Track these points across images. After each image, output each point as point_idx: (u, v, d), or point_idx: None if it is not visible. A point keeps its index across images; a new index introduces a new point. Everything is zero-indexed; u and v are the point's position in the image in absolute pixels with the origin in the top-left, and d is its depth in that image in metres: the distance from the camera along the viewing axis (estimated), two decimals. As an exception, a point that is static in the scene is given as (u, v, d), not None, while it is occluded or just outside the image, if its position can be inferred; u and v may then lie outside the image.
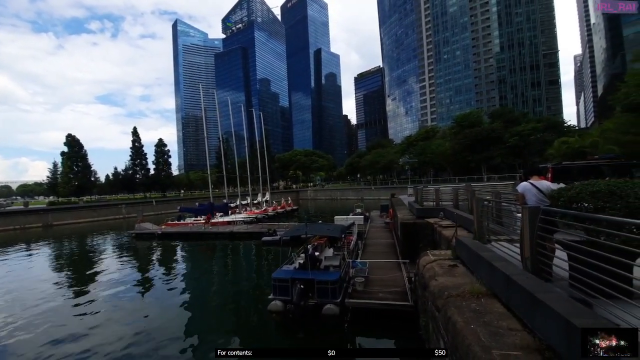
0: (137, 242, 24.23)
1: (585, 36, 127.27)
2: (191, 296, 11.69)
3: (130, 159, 63.16)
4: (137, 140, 62.47)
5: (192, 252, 20.90)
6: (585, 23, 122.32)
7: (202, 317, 9.72)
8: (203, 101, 38.62)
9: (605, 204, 2.90)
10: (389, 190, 50.49)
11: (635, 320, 2.07)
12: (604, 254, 2.49)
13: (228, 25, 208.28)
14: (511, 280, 3.43)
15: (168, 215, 36.09)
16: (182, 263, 18.09)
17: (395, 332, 7.57)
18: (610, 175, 8.97)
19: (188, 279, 14.08)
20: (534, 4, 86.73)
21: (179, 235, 24.98)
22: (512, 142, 51.51)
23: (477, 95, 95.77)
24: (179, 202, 49.13)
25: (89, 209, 45.52)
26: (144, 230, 26.16)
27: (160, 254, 20.66)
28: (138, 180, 63.64)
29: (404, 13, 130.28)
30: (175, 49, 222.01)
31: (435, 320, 4.55)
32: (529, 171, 4.93)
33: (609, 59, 75.79)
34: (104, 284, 13.42)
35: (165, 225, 28.10)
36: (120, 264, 17.33)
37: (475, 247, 5.02)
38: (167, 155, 67.11)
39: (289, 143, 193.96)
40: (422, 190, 14.26)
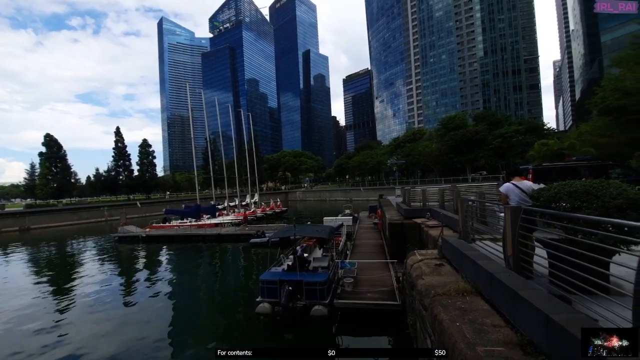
0: (120, 246, 23.49)
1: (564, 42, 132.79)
2: (177, 301, 11.42)
3: (113, 159, 61.33)
4: (120, 141, 60.72)
5: (178, 255, 20.44)
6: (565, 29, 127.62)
7: (188, 321, 9.51)
8: (190, 101, 37.94)
9: (582, 203, 3.03)
10: (377, 191, 50.99)
11: (612, 315, 2.15)
12: (581, 251, 2.59)
13: (215, 25, 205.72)
14: (494, 278, 3.52)
15: (153, 217, 35.21)
16: (168, 267, 17.65)
17: (383, 332, 7.63)
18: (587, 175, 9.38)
19: (174, 283, 13.75)
20: (515, 10, 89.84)
21: (164, 238, 24.38)
22: (495, 144, 53.12)
23: (462, 98, 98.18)
24: (164, 204, 47.94)
25: (69, 211, 43.83)
26: (127, 233, 25.40)
27: (145, 257, 20.10)
28: (121, 182, 61.82)
29: (392, 17, 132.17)
30: (161, 47, 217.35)
31: (423, 319, 4.62)
32: (511, 172, 5.09)
33: (586, 64, 79.26)
34: (85, 290, 12.92)
35: (149, 228, 27.37)
36: (101, 268, 16.75)
37: (460, 247, 5.13)
38: (152, 156, 65.56)
39: (277, 144, 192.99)
40: (410, 191, 14.47)
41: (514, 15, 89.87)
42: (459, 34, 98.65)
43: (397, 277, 8.80)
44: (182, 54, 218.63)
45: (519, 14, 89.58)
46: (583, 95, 69.73)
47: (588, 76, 74.70)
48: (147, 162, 64.46)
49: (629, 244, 2.45)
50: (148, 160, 64.68)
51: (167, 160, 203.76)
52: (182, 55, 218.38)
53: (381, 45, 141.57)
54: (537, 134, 51.30)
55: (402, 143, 72.53)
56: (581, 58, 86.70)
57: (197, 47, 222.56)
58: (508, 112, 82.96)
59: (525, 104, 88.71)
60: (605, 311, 2.23)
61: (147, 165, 64.54)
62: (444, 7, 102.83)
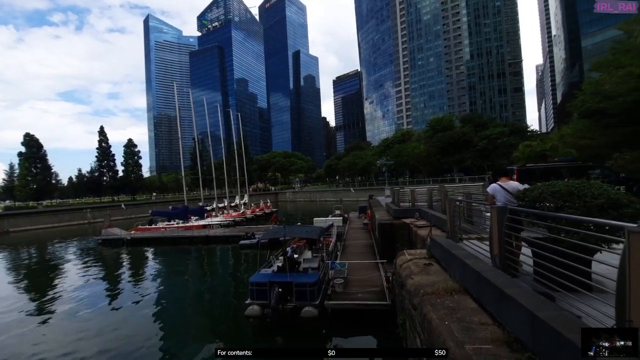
0: (103, 249, 22.78)
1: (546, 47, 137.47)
2: (164, 305, 11.15)
3: (96, 160, 59.50)
4: (104, 140, 59.01)
5: (165, 258, 19.98)
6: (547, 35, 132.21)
7: (175, 326, 9.31)
8: (177, 100, 37.19)
9: (565, 203, 3.11)
10: (367, 191, 51.33)
11: (595, 312, 2.22)
12: (564, 250, 2.66)
13: (204, 23, 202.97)
14: (482, 277, 3.58)
15: (138, 219, 34.34)
16: (154, 270, 17.23)
17: (373, 332, 7.66)
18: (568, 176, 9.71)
19: (160, 287, 13.43)
20: (500, 15, 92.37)
21: (150, 241, 23.78)
22: (481, 145, 54.39)
23: (449, 100, 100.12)
24: (150, 206, 46.82)
25: (50, 214, 42.25)
26: (111, 235, 24.68)
27: (130, 260, 19.57)
28: (105, 183, 60.07)
29: (381, 19, 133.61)
30: (147, 45, 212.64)
31: (412, 318, 4.65)
32: (497, 173, 5.20)
33: (567, 69, 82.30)
34: (66, 296, 12.44)
35: (135, 230, 26.66)
36: (84, 273, 16.17)
37: (449, 246, 5.20)
38: (138, 156, 63.99)
39: (267, 144, 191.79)
40: (399, 191, 14.62)
41: (498, 20, 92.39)
42: (446, 37, 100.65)
43: (386, 277, 8.87)
44: (169, 52, 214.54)
45: (504, 18, 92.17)
46: (564, 99, 72.35)
47: (569, 80, 77.56)
48: (132, 162, 62.88)
49: (610, 243, 2.54)
50: (133, 160, 63.11)
51: (154, 161, 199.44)
52: (169, 53, 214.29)
53: (371, 47, 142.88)
54: (521, 136, 52.85)
55: (392, 144, 73.35)
56: (562, 62, 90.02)
57: (185, 45, 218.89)
58: (493, 114, 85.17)
59: (510, 107, 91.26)
60: (588, 308, 2.29)
61: (133, 165, 62.96)
62: (431, 11, 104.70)
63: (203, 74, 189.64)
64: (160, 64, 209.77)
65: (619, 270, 1.89)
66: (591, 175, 10.13)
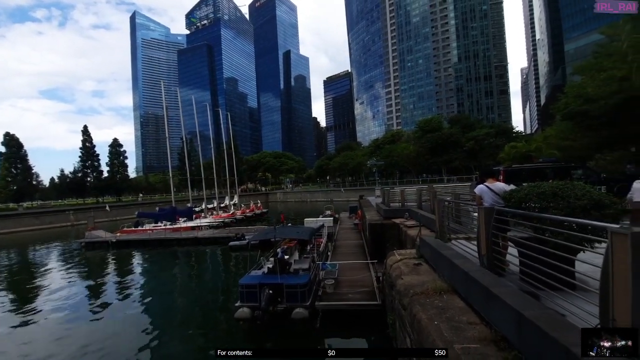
0: (87, 252, 22.09)
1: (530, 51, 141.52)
2: (151, 309, 10.89)
3: (79, 160, 57.75)
4: (88, 140, 57.37)
5: (152, 260, 19.53)
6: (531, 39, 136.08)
7: (163, 330, 9.09)
8: (165, 99, 36.43)
9: (549, 204, 3.19)
10: (357, 191, 51.60)
11: (578, 310, 2.27)
12: (549, 249, 2.72)
13: (192, 21, 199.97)
14: (469, 277, 3.63)
15: (124, 221, 33.48)
16: (141, 273, 16.82)
17: (364, 332, 7.67)
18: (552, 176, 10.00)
19: (147, 291, 13.11)
20: (487, 19, 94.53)
21: (136, 243, 23.20)
22: (469, 146, 55.49)
23: (437, 102, 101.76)
24: (136, 207, 45.74)
25: (31, 216, 40.75)
26: (95, 238, 23.95)
27: (115, 264, 19.04)
28: (89, 184, 58.38)
29: (371, 20, 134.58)
30: (134, 42, 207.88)
31: (402, 318, 4.68)
32: (484, 173, 5.29)
33: (551, 72, 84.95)
34: (48, 301, 11.98)
35: (120, 233, 25.96)
36: (67, 277, 15.64)
37: (437, 246, 5.27)
38: (123, 156, 62.50)
39: (257, 144, 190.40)
40: (389, 191, 14.74)
41: (485, 23, 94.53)
42: (435, 40, 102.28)
43: (377, 277, 8.91)
44: (156, 50, 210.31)
45: (490, 22, 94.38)
46: (548, 101, 74.65)
47: (552, 83, 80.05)
48: (117, 162, 61.36)
49: (592, 243, 2.61)
50: (119, 160, 61.59)
51: (140, 161, 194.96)
52: (156, 51, 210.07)
53: (361, 48, 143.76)
54: (507, 137, 54.22)
55: (382, 144, 74.02)
56: (546, 66, 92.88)
57: (173, 43, 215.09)
58: (480, 116, 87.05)
59: (496, 108, 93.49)
60: (572, 306, 2.35)
61: (118, 165, 61.43)
62: (420, 14, 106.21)
63: (191, 72, 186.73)
64: (147, 62, 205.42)
65: (602, 270, 1.94)
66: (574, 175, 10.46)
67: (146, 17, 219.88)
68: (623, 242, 1.74)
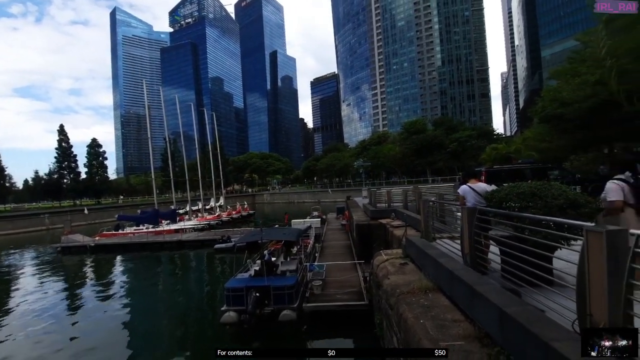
0: (63, 257, 21.11)
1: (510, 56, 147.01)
2: (133, 315, 10.50)
3: (55, 161, 55.15)
4: (65, 140, 54.90)
5: (133, 265, 18.89)
6: (511, 44, 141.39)
7: (146, 337, 8.80)
8: (147, 98, 35.40)
9: (528, 203, 3.30)
10: (344, 192, 51.84)
11: (556, 306, 2.35)
12: (528, 247, 2.81)
13: (176, 19, 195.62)
14: (454, 275, 3.70)
15: (104, 224, 32.25)
16: (121, 278, 16.20)
17: (352, 332, 7.69)
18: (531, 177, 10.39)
19: (128, 297, 12.63)
20: (469, 24, 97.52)
21: (116, 247, 22.34)
22: (452, 147, 56.95)
23: (422, 104, 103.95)
24: (117, 210, 44.21)
25: (3, 219, 38.57)
26: (72, 242, 22.92)
27: (94, 269, 18.30)
28: (66, 186, 55.84)
29: (357, 23, 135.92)
30: (114, 39, 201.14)
31: (389, 318, 4.72)
32: (467, 174, 5.44)
33: (529, 77, 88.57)
34: (22, 310, 11.35)
35: (99, 237, 24.97)
36: (42, 284, 14.88)
37: (423, 246, 5.35)
38: (103, 157, 60.26)
39: (244, 145, 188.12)
40: (376, 192, 14.89)
41: (467, 29, 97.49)
42: (419, 44, 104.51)
43: (364, 277, 8.97)
44: (138, 47, 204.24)
45: (472, 28, 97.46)
46: (526, 104, 77.67)
47: (530, 87, 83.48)
48: (96, 163, 59.06)
49: (569, 240, 2.72)
50: (98, 161, 59.30)
51: (121, 162, 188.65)
52: (138, 49, 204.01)
53: (347, 50, 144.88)
54: (488, 139, 56.02)
55: (368, 146, 74.82)
56: (524, 70, 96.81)
57: (156, 41, 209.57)
58: (463, 118, 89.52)
59: (478, 111, 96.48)
60: (551, 302, 2.43)
61: (97, 167, 59.14)
62: (405, 17, 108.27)
63: (175, 71, 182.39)
64: (129, 59, 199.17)
65: (578, 267, 2.02)
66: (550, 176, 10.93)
67: (127, 13, 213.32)
68: (598, 239, 1.82)
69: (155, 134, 59.38)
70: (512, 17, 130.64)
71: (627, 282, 1.72)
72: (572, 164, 24.28)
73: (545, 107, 23.59)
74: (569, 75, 22.70)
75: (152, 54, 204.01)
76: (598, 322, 1.85)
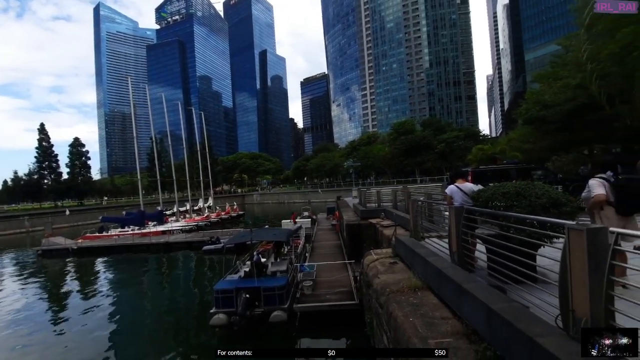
0: (45, 261, 20.35)
1: (495, 59, 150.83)
2: (118, 320, 10.20)
3: (36, 161, 53.11)
4: (46, 139, 52.93)
5: (118, 268, 18.36)
6: (496, 48, 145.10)
7: (133, 343, 8.57)
8: (132, 96, 34.49)
9: (513, 202, 3.39)
10: (335, 192, 51.96)
11: (540, 302, 2.43)
12: (513, 245, 2.89)
13: (163, 16, 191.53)
14: (442, 274, 3.76)
15: (87, 226, 31.27)
16: (106, 282, 15.72)
17: (343, 332, 7.71)
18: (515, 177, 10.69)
19: (113, 300, 12.26)
20: (456, 27, 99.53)
21: (100, 250, 21.67)
22: (440, 148, 57.98)
23: (410, 105, 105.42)
24: (101, 212, 42.88)
25: (-23, 222, 36.83)
26: (53, 245, 22.12)
27: (77, 273, 17.70)
28: (47, 187, 53.83)
29: (347, 24, 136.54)
30: (98, 35, 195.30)
31: (379, 317, 4.76)
32: (454, 174, 5.54)
33: (513, 79, 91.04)
34: (1, 316, 10.89)
35: (82, 239, 24.14)
36: (22, 289, 14.28)
37: (412, 245, 5.41)
38: (86, 156, 58.34)
39: (233, 145, 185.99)
40: (366, 192, 14.98)
41: (454, 32, 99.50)
42: (408, 46, 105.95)
43: (354, 277, 9.00)
44: (123, 44, 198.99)
45: (459, 31, 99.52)
46: (510, 106, 79.82)
47: (514, 89, 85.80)
48: (79, 163, 57.12)
49: (552, 238, 2.80)
50: (81, 161, 57.37)
51: (105, 162, 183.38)
52: (123, 45, 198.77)
53: (337, 50, 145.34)
54: (474, 140, 57.32)
55: (358, 146, 75.26)
56: (509, 73, 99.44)
57: (141, 38, 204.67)
58: (450, 120, 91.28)
59: (464, 113, 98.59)
60: (535, 298, 2.51)
61: (80, 167, 57.20)
62: (394, 19, 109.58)
63: (162, 69, 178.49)
64: (113, 56, 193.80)
65: (560, 264, 2.09)
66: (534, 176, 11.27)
67: (111, 9, 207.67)
68: (579, 237, 1.88)
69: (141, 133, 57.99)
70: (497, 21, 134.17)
71: (607, 278, 1.78)
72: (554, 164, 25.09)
73: (529, 109, 24.31)
74: (551, 79, 23.46)
75: (137, 51, 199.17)
76: (580, 317, 1.91)
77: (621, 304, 1.81)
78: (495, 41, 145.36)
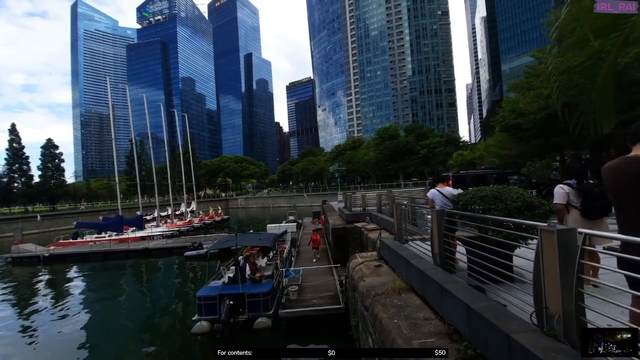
0: (14, 269, 19.15)
1: (474, 68, 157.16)
2: (93, 331, 9.70)
3: (5, 163, 50.05)
4: (16, 140, 50.05)
5: (94, 276, 17.51)
6: (475, 58, 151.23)
7: (109, 354, 8.15)
8: (111, 96, 33.29)
9: (490, 205, 3.56)
10: (320, 196, 52.00)
11: (517, 300, 2.55)
12: (491, 247, 3.02)
13: (144, 15, 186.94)
14: (425, 275, 3.86)
15: (60, 232, 29.66)
16: (80, 291, 14.91)
17: (328, 336, 7.69)
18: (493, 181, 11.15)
19: (88, 310, 11.66)
20: (437, 37, 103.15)
21: (74, 257, 20.63)
22: (422, 153, 59.53)
23: (394, 111, 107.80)
24: (75, 217, 40.83)
25: None
26: (23, 252, 20.86)
27: (49, 281, 16.73)
28: (17, 190, 50.74)
29: (332, 30, 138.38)
30: (74, 33, 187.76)
31: (365, 319, 4.80)
32: (436, 179, 5.73)
33: (491, 88, 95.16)
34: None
35: (55, 246, 22.89)
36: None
37: (396, 247, 5.51)
38: (59, 159, 55.47)
39: (217, 149, 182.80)
40: (351, 196, 15.12)
41: (435, 41, 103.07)
42: (392, 53, 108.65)
43: (340, 281, 9.04)
44: (101, 43, 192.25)
45: (440, 41, 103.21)
46: (488, 114, 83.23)
47: (492, 98, 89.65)
48: (52, 166, 54.23)
49: (526, 239, 2.96)
50: (53, 163, 54.48)
51: (80, 165, 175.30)
52: (101, 44, 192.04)
53: (323, 56, 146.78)
54: (455, 146, 59.28)
55: (343, 150, 75.91)
56: (487, 82, 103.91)
57: (121, 37, 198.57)
58: (432, 126, 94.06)
59: (445, 119, 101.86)
60: (511, 297, 2.63)
61: (53, 169, 54.30)
62: (378, 27, 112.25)
63: (143, 69, 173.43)
64: (90, 55, 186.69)
65: (534, 264, 2.21)
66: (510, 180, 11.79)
67: (90, 6, 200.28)
68: (551, 238, 2.01)
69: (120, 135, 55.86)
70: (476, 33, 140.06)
71: (577, 276, 1.90)
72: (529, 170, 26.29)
73: (505, 117, 25.48)
74: (525, 89, 24.70)
75: (117, 50, 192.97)
76: (553, 314, 2.02)
77: (592, 301, 1.93)
78: (474, 51, 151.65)
